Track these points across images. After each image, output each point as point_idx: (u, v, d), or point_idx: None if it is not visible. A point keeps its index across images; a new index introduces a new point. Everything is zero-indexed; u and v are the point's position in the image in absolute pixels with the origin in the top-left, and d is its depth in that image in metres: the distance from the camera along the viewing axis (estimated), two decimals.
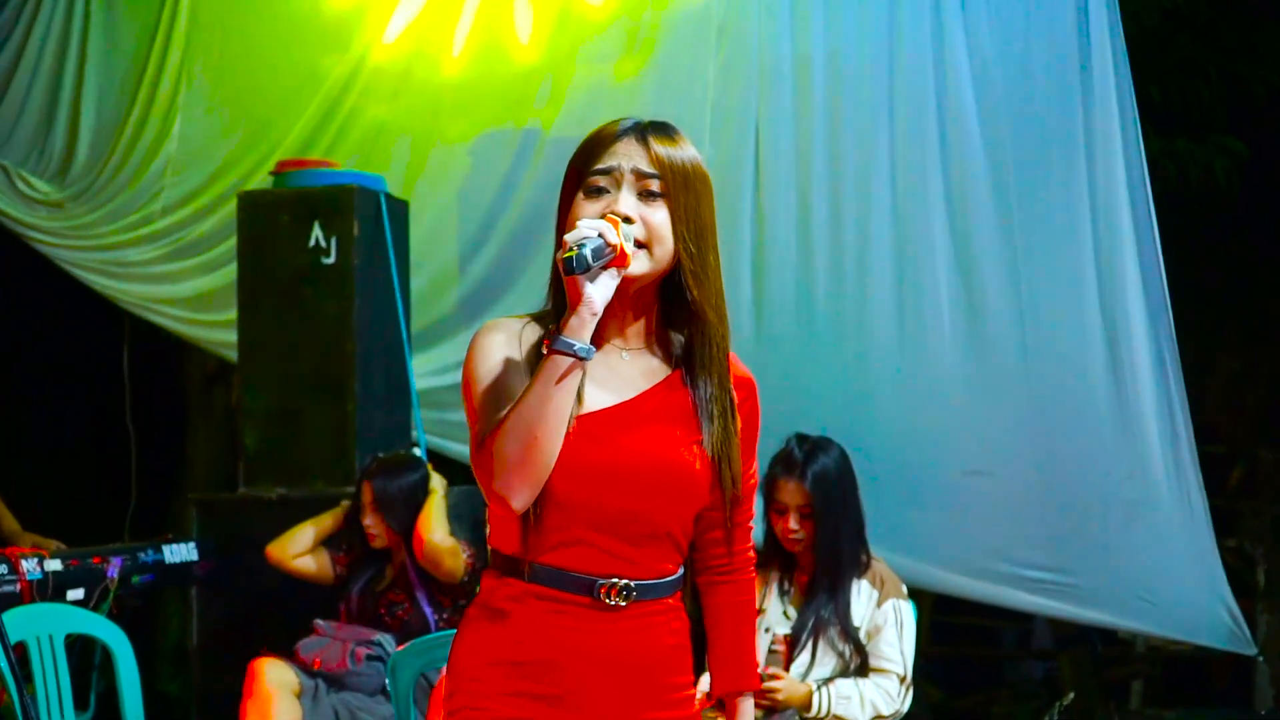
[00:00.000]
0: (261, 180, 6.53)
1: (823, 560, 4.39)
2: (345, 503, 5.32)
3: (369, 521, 5.12)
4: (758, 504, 4.51)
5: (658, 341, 2.54)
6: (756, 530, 4.56)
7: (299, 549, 5.26)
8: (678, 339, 2.53)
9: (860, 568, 4.42)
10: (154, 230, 6.96)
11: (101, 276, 7.04)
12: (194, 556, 5.57)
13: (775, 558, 4.51)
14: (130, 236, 6.98)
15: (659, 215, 2.42)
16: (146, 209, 6.96)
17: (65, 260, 7.06)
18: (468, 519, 5.28)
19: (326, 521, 5.31)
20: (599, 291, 2.33)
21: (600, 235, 2.31)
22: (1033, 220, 5.60)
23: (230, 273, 6.32)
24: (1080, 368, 5.54)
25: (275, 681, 4.85)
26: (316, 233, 5.83)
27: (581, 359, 2.32)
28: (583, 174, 2.46)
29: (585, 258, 2.28)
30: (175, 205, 6.96)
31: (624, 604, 2.44)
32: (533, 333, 2.48)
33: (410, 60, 6.74)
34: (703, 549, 2.63)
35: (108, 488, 7.51)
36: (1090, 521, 5.54)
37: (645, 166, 2.43)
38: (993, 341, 5.64)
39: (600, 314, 2.34)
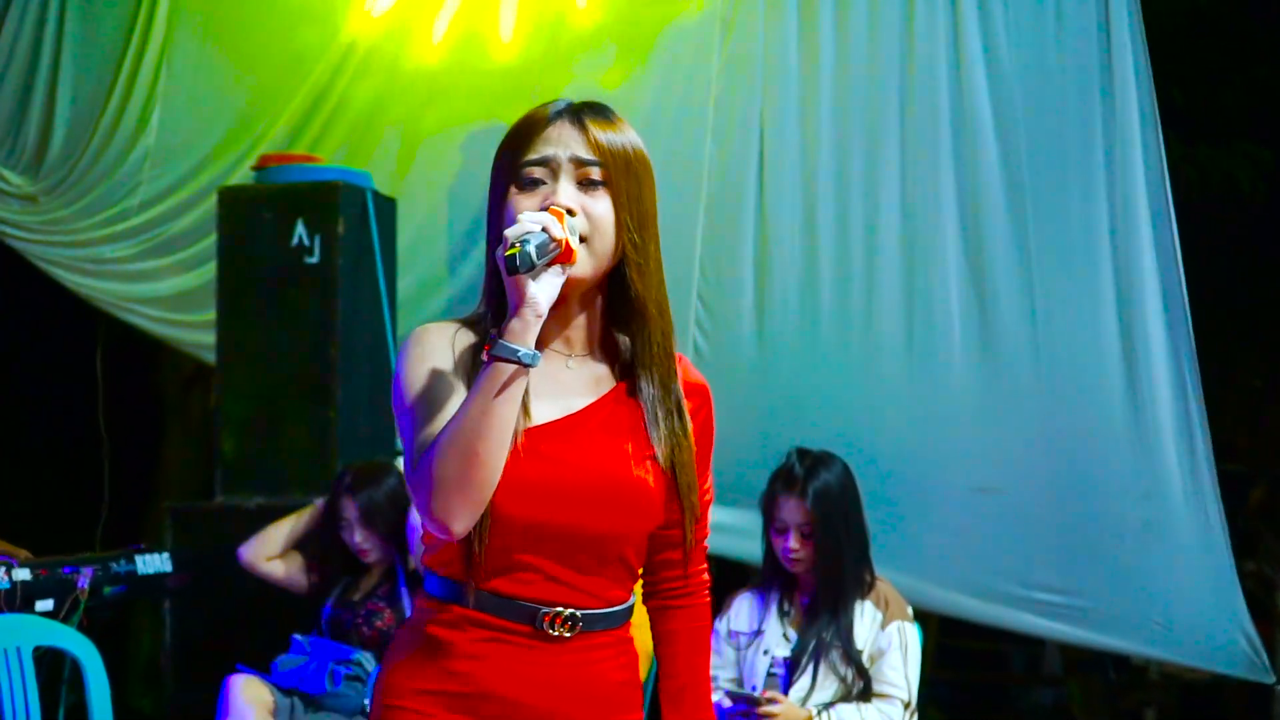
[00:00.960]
0: (243, 175, 6.53)
1: (824, 580, 4.38)
2: (317, 503, 5.29)
3: (360, 538, 5.09)
4: (757, 521, 4.55)
5: (603, 347, 2.44)
6: (755, 547, 4.59)
7: (271, 550, 5.25)
8: (625, 342, 2.43)
9: (864, 588, 4.40)
10: (131, 226, 6.95)
11: (75, 274, 7.03)
12: (168, 568, 5.55)
13: (775, 577, 4.50)
14: (106, 232, 6.98)
15: (601, 206, 2.32)
16: (123, 204, 6.95)
17: (38, 256, 7.05)
18: None
19: (299, 522, 5.29)
20: (544, 291, 2.21)
21: (544, 230, 2.20)
22: (1048, 228, 5.60)
23: (209, 271, 6.32)
24: (1096, 381, 5.53)
25: (250, 699, 4.83)
26: (300, 230, 5.83)
27: (526, 366, 2.20)
28: (515, 165, 2.35)
29: (530, 255, 2.16)
30: (153, 200, 6.95)
31: (569, 635, 2.34)
32: (467, 338, 2.38)
33: (398, 46, 6.74)
34: (655, 570, 2.53)
35: (79, 494, 7.51)
36: (1104, 542, 5.54)
37: (584, 153, 2.33)
38: (1005, 353, 5.63)
39: (545, 315, 2.23)
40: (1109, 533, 5.53)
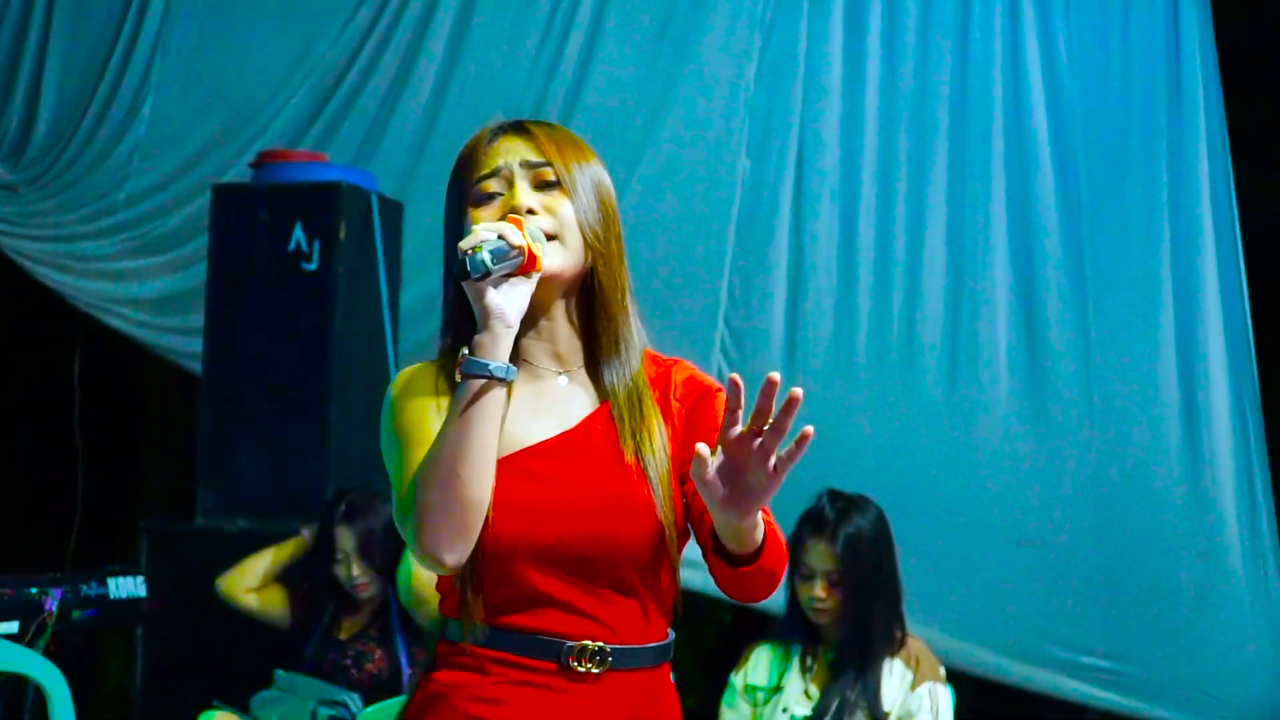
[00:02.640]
0: (240, 172, 6.54)
1: (852, 634, 4.37)
2: (305, 533, 5.28)
3: (357, 572, 5.06)
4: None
5: (594, 359, 2.48)
6: (778, 597, 4.59)
7: (250, 582, 5.24)
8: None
9: (893, 645, 4.39)
10: (116, 222, 6.97)
11: (55, 271, 7.05)
12: (142, 592, 5.54)
13: (798, 629, 4.49)
14: (90, 228, 6.99)
15: (561, 204, 2.41)
16: (109, 198, 6.97)
17: (15, 251, 7.06)
18: None
19: (284, 553, 5.28)
20: (510, 302, 2.28)
21: (500, 237, 2.27)
22: (1106, 262, 5.61)
23: (199, 274, 6.32)
24: (1152, 429, 5.54)
25: None
26: (298, 234, 5.83)
27: (500, 380, 2.26)
28: (467, 183, 2.44)
29: (482, 260, 2.23)
30: (141, 195, 6.97)
31: (598, 672, 2.35)
32: (447, 376, 2.40)
33: (414, 38, 6.77)
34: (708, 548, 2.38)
35: (49, 509, 7.51)
36: (1156, 605, 5.54)
37: (532, 156, 2.42)
38: (1054, 394, 5.64)
39: (515, 326, 2.29)
40: (1161, 594, 5.53)
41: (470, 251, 2.24)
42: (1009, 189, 5.76)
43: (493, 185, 2.41)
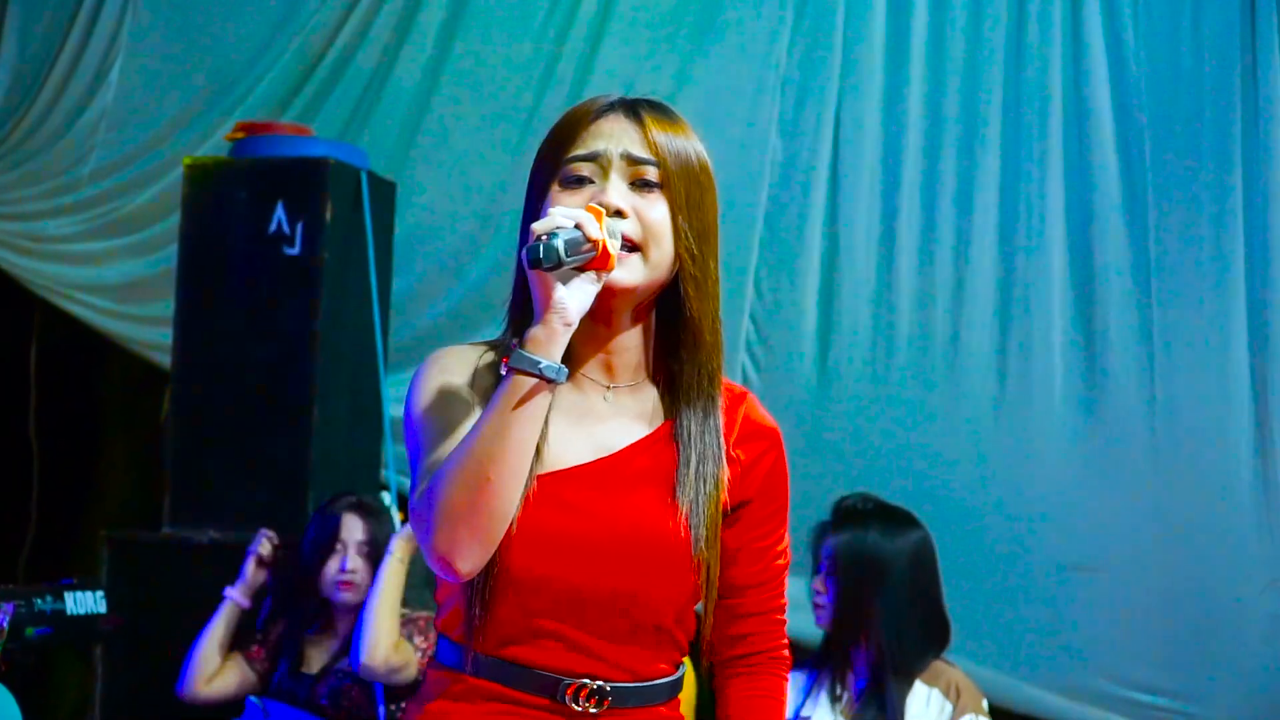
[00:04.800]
0: (215, 145, 6.56)
1: (886, 657, 4.38)
2: (226, 592, 5.21)
3: (354, 566, 5.04)
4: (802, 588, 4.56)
5: (653, 379, 2.47)
6: (805, 621, 4.60)
7: (210, 668, 5.18)
8: (675, 372, 2.45)
9: (932, 674, 4.40)
10: (79, 199, 6.98)
11: (10, 252, 7.05)
12: (102, 608, 5.55)
13: (827, 657, 4.51)
14: (50, 205, 7.01)
15: (656, 210, 2.36)
16: (72, 172, 6.99)
17: None
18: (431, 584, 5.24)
19: (225, 619, 5.22)
20: (574, 298, 2.24)
21: (577, 226, 2.23)
22: (1174, 260, 5.61)
23: (169, 258, 6.33)
24: (1220, 445, 5.54)
25: None
26: (279, 214, 5.83)
27: (550, 381, 2.24)
28: (558, 160, 2.40)
29: (556, 249, 2.19)
30: (107, 170, 6.98)
31: (595, 711, 2.37)
32: (491, 362, 2.43)
33: (410, 2, 6.78)
34: (723, 648, 2.54)
35: (1, 516, 7.54)
36: (1220, 638, 5.53)
37: (638, 151, 2.38)
38: (1114, 405, 5.64)
39: (574, 325, 2.26)
40: (1226, 627, 5.53)
41: (545, 237, 2.20)
42: (1066, 174, 5.76)
43: (585, 169, 2.38)
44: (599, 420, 2.42)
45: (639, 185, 2.37)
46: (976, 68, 5.89)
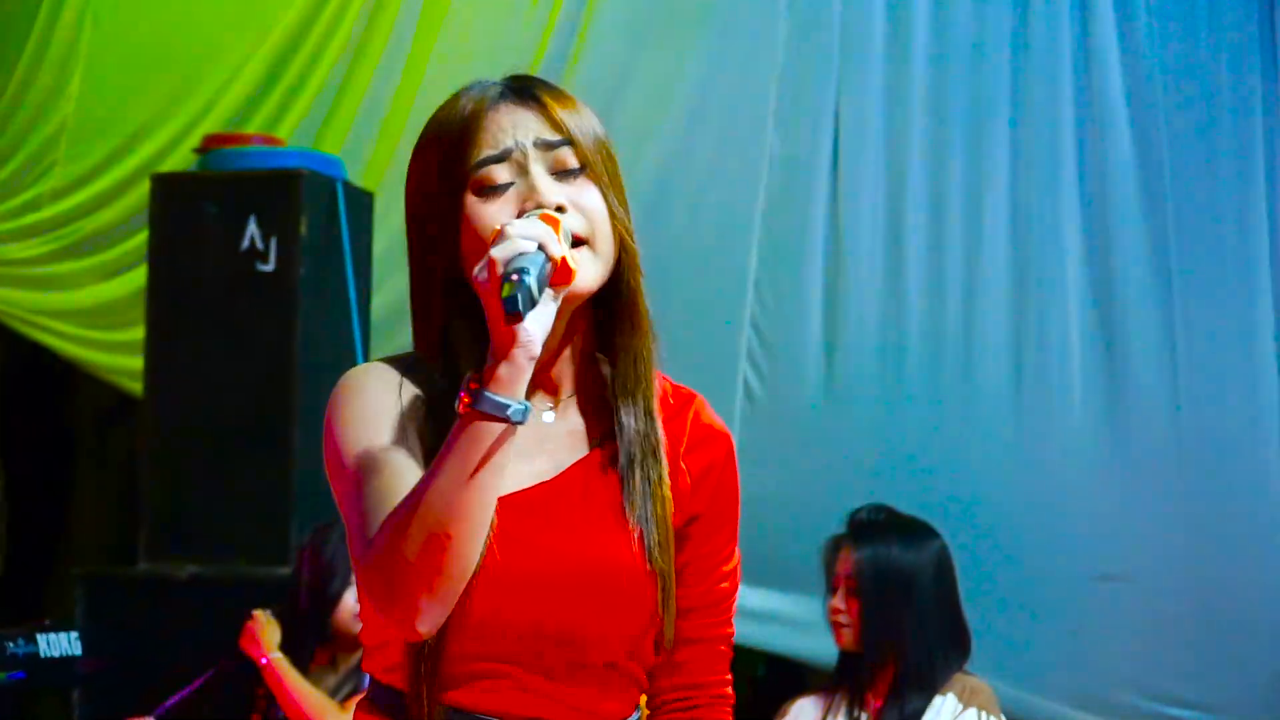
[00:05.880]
0: (183, 158, 6.56)
1: (912, 671, 4.39)
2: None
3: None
4: (817, 610, 4.56)
5: (591, 387, 2.34)
6: (814, 642, 4.60)
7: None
8: (608, 371, 2.34)
9: (947, 683, 4.42)
10: (41, 219, 6.96)
11: None
12: (77, 650, 5.56)
13: (845, 678, 4.52)
14: (9, 226, 6.99)
15: (589, 196, 2.23)
16: (33, 190, 6.98)
17: None
18: None
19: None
20: (539, 326, 2.07)
21: (540, 247, 2.06)
22: (1195, 255, 5.62)
23: (138, 278, 6.33)
24: (1249, 447, 5.55)
25: None
26: (252, 230, 5.83)
27: (515, 424, 2.07)
28: (461, 168, 2.23)
29: (530, 289, 2.01)
30: (70, 187, 6.97)
31: None
32: (417, 383, 2.27)
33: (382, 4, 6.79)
34: (660, 677, 2.40)
35: None
36: (1253, 648, 5.55)
37: (548, 134, 2.23)
38: (1137, 409, 5.64)
39: (538, 356, 2.09)
40: (1259, 637, 5.54)
41: (516, 278, 2.02)
42: (1080, 165, 5.77)
43: (500, 172, 2.22)
44: (541, 440, 2.29)
45: (563, 175, 2.23)
46: (983, 55, 5.89)
